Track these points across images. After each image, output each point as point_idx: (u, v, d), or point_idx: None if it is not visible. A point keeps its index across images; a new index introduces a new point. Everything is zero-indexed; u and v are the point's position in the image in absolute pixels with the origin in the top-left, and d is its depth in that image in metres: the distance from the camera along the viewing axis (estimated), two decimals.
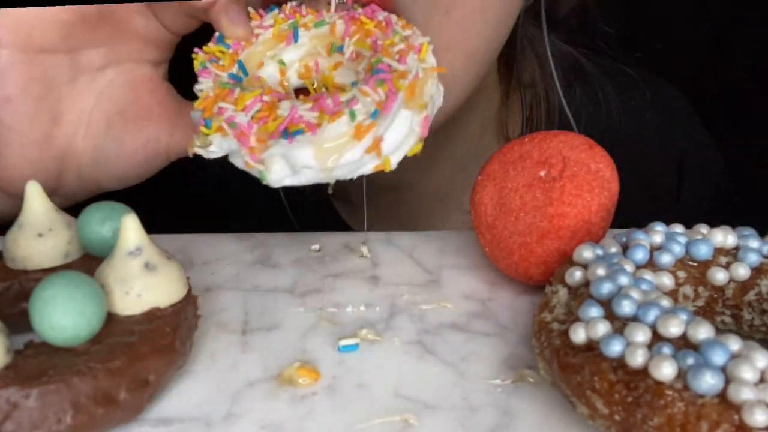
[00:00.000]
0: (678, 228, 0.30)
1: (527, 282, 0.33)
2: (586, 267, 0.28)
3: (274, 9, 0.36)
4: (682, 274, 0.28)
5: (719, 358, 0.21)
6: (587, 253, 0.28)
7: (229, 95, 0.31)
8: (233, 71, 0.34)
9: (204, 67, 0.33)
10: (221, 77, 0.33)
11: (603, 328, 0.23)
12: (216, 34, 0.35)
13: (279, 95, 0.32)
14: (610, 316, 0.24)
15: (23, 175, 0.34)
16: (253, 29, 0.35)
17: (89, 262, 0.29)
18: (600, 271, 0.26)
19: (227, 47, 0.34)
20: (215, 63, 0.34)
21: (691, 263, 0.28)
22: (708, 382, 0.20)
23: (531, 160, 0.32)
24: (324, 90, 0.35)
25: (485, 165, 0.34)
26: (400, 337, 0.30)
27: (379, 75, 0.30)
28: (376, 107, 0.29)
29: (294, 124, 0.29)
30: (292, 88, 0.36)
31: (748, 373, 0.20)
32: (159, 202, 0.41)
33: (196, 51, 0.34)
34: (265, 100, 0.30)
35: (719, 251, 0.29)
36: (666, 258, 0.28)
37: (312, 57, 0.36)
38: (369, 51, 0.33)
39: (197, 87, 0.33)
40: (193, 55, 0.34)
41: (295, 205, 0.54)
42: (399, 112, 0.29)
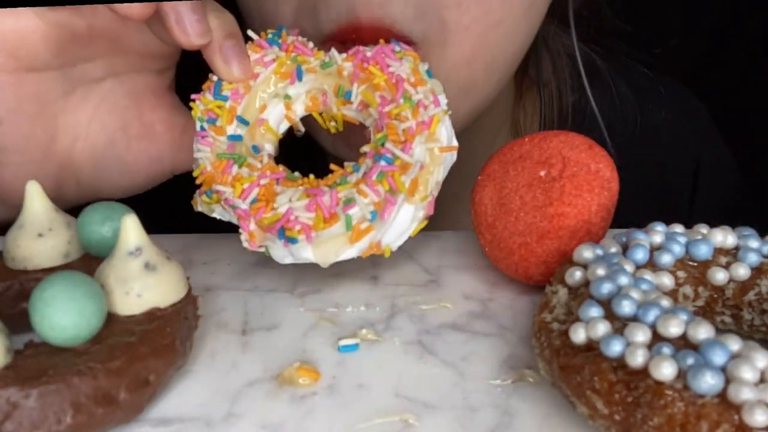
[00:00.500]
0: (678, 228, 0.30)
1: (527, 282, 0.33)
2: (586, 267, 0.28)
3: (274, 44, 0.35)
4: (682, 274, 0.28)
5: (719, 358, 0.21)
6: (587, 253, 0.28)
7: (227, 170, 0.31)
8: (232, 130, 0.33)
9: (202, 129, 0.33)
10: (219, 143, 0.32)
11: (603, 328, 0.23)
12: (214, 78, 0.34)
13: (277, 174, 0.31)
14: (610, 316, 0.24)
15: (21, 191, 0.32)
16: (253, 65, 0.34)
17: (89, 262, 0.29)
18: (600, 271, 0.26)
19: (225, 100, 0.33)
20: (213, 125, 0.33)
21: (691, 263, 0.29)
22: (708, 382, 0.20)
23: (531, 160, 0.32)
24: (318, 183, 0.32)
25: (485, 165, 0.34)
26: (400, 337, 0.30)
27: (381, 166, 0.29)
28: (374, 208, 0.28)
29: (290, 228, 0.29)
30: (298, 118, 0.35)
31: (748, 373, 0.20)
32: (159, 202, 0.41)
33: (193, 99, 0.33)
34: (263, 183, 0.30)
35: (719, 251, 0.29)
36: (666, 258, 0.28)
37: (318, 91, 0.35)
38: (376, 107, 0.32)
39: (195, 155, 0.32)
40: (191, 104, 0.33)
41: None
42: (400, 210, 0.29)
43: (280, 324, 0.31)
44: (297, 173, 0.33)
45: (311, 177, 0.33)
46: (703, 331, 0.22)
